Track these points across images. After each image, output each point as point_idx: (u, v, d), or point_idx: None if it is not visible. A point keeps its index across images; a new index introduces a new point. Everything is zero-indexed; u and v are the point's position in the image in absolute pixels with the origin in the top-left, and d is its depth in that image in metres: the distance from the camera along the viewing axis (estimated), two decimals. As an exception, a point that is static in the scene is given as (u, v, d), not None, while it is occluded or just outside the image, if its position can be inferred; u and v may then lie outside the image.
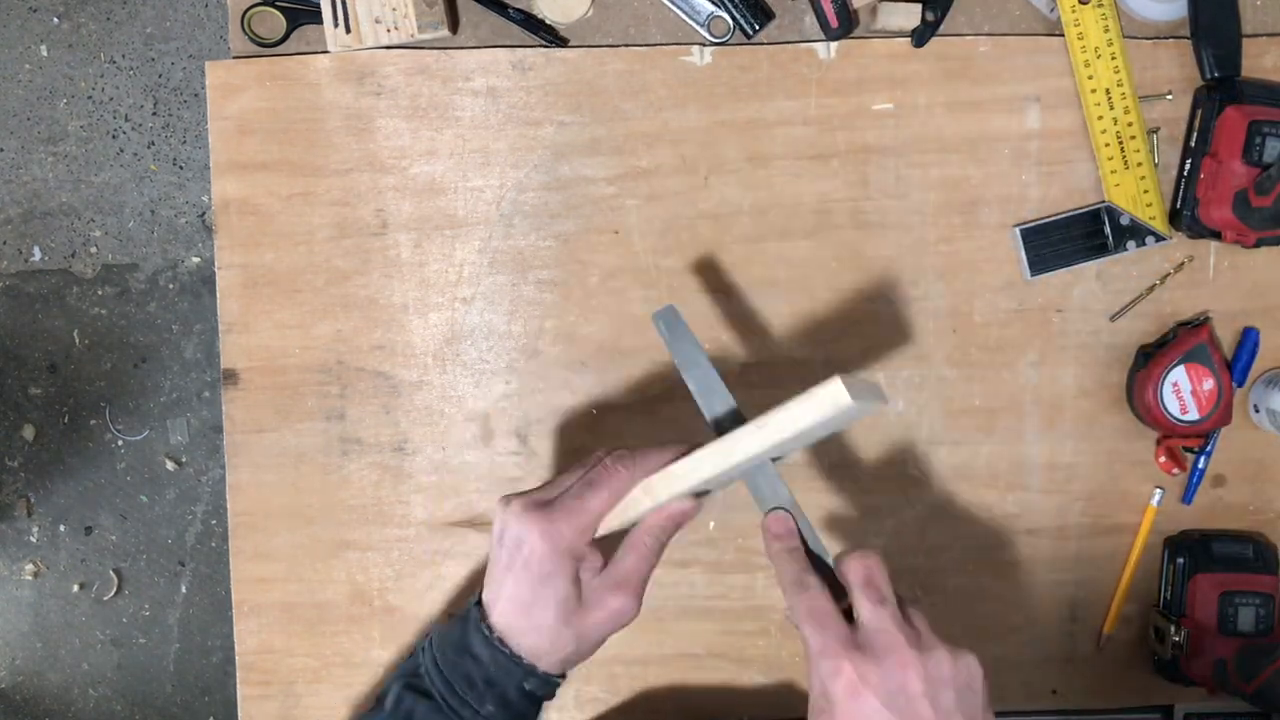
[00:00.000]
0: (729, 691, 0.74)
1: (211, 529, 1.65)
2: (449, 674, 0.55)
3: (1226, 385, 0.70)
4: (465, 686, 0.55)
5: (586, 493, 0.56)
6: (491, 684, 0.55)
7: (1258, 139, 0.67)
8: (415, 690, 0.56)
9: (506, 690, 0.55)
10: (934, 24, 0.70)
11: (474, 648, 0.55)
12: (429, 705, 0.55)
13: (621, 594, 0.55)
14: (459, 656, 0.55)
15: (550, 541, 0.54)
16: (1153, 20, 0.71)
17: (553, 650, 0.55)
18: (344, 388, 0.73)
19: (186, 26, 1.63)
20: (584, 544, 0.56)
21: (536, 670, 0.55)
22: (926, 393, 0.73)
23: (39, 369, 1.64)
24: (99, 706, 1.66)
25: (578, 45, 0.71)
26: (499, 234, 0.72)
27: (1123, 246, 0.71)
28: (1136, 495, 0.74)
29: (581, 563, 0.56)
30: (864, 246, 0.72)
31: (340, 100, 0.71)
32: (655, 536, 0.57)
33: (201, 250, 1.64)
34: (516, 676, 0.55)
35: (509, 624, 0.55)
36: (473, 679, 0.55)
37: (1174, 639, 0.71)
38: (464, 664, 0.55)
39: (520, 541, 0.55)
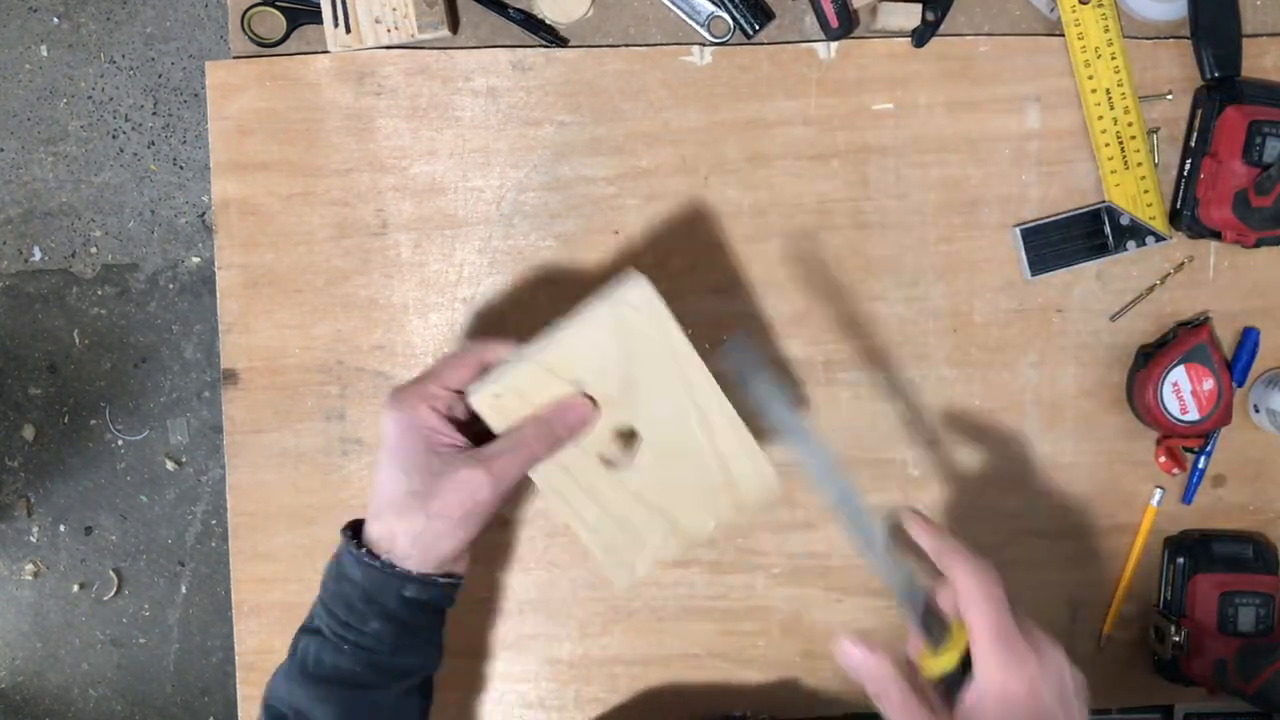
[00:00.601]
0: (729, 691, 0.74)
1: (211, 529, 1.65)
2: (330, 604, 0.55)
3: (1226, 385, 0.70)
4: (345, 610, 0.54)
5: (438, 364, 0.56)
6: (370, 600, 0.54)
7: (1258, 139, 0.67)
8: (307, 630, 0.56)
9: (386, 603, 0.54)
10: (934, 24, 0.70)
11: (348, 570, 0.55)
12: (319, 640, 0.55)
13: (476, 467, 0.53)
14: (337, 584, 0.55)
15: (396, 411, 0.54)
16: (1153, 20, 0.71)
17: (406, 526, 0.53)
18: (344, 388, 0.73)
19: (186, 26, 1.63)
20: (430, 414, 0.55)
21: (412, 575, 0.54)
22: (926, 393, 0.73)
23: (39, 369, 1.64)
24: (99, 706, 1.66)
25: (578, 45, 0.71)
26: (499, 234, 0.72)
27: (1123, 246, 0.71)
28: (1136, 495, 0.74)
29: (434, 434, 0.54)
30: (864, 246, 0.72)
31: (340, 100, 0.71)
32: (537, 427, 0.55)
33: (201, 250, 1.64)
34: (393, 586, 0.54)
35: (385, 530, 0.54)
36: (351, 602, 0.54)
37: (1174, 639, 0.71)
38: (342, 589, 0.55)
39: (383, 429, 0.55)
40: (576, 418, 0.56)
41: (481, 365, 0.57)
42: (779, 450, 0.62)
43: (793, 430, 0.54)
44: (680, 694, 0.74)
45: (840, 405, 0.73)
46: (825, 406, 0.72)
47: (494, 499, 0.54)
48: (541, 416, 0.56)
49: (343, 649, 0.54)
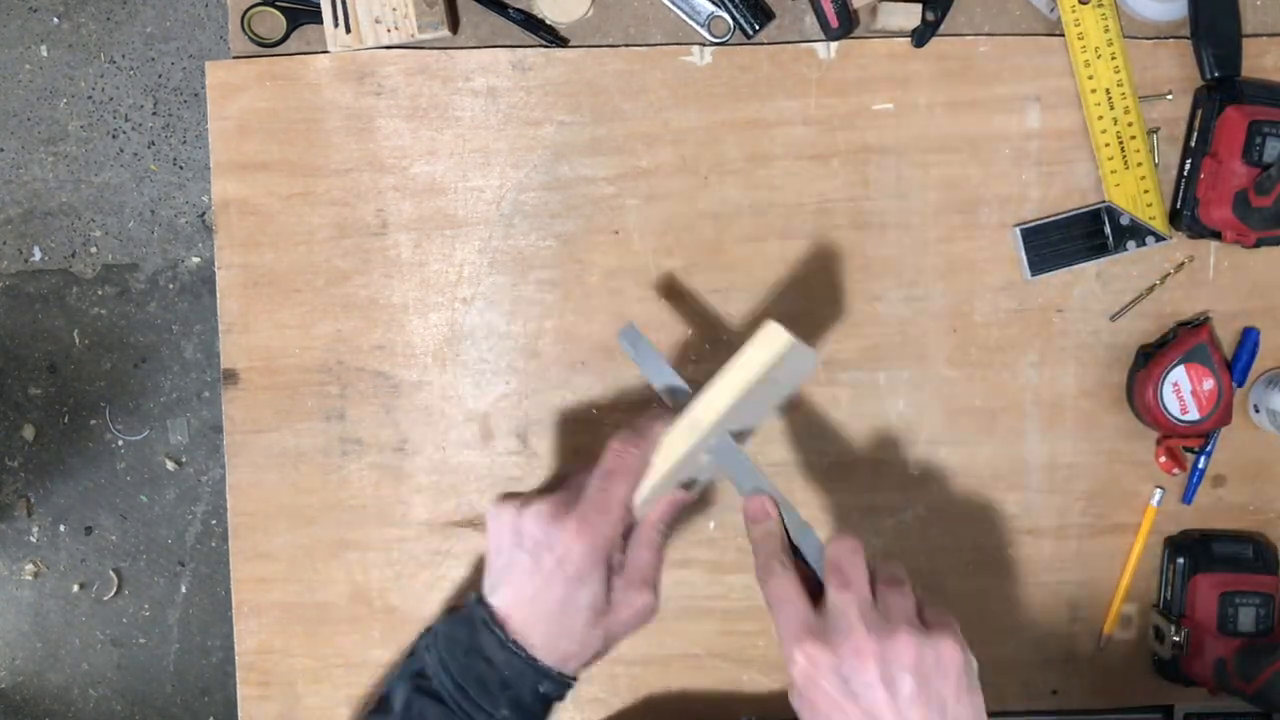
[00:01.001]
0: (729, 692, 0.74)
1: (211, 529, 1.65)
2: (460, 677, 0.54)
3: (1226, 385, 0.70)
4: (479, 690, 0.54)
5: (609, 485, 0.56)
6: (506, 686, 0.54)
7: (1258, 139, 0.67)
8: (425, 693, 0.55)
9: (521, 693, 0.54)
10: (934, 24, 0.70)
11: (486, 650, 0.54)
12: (441, 709, 0.54)
13: (646, 591, 0.56)
14: (470, 659, 0.54)
15: (587, 541, 0.54)
16: (1153, 20, 0.71)
17: (581, 653, 0.55)
18: (344, 388, 0.73)
19: (186, 26, 1.63)
20: (617, 540, 0.56)
21: (552, 673, 0.55)
22: (926, 393, 0.73)
23: (39, 369, 1.64)
24: (99, 706, 1.66)
25: (578, 45, 0.71)
26: (499, 234, 0.72)
27: (1123, 246, 0.71)
28: (1136, 495, 0.74)
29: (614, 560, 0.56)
30: (864, 246, 0.72)
31: (340, 100, 0.71)
32: (659, 531, 0.58)
33: (201, 250, 1.64)
34: (531, 679, 0.54)
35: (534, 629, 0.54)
36: (486, 682, 0.54)
37: (1174, 639, 0.71)
38: (476, 666, 0.54)
39: (550, 545, 0.54)
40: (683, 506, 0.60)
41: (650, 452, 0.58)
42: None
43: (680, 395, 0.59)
44: (680, 694, 0.74)
45: (840, 405, 0.73)
46: (825, 406, 0.72)
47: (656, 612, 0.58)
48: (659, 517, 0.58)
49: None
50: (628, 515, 0.57)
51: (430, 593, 0.74)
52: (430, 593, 0.74)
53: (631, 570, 0.56)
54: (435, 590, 0.74)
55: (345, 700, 0.74)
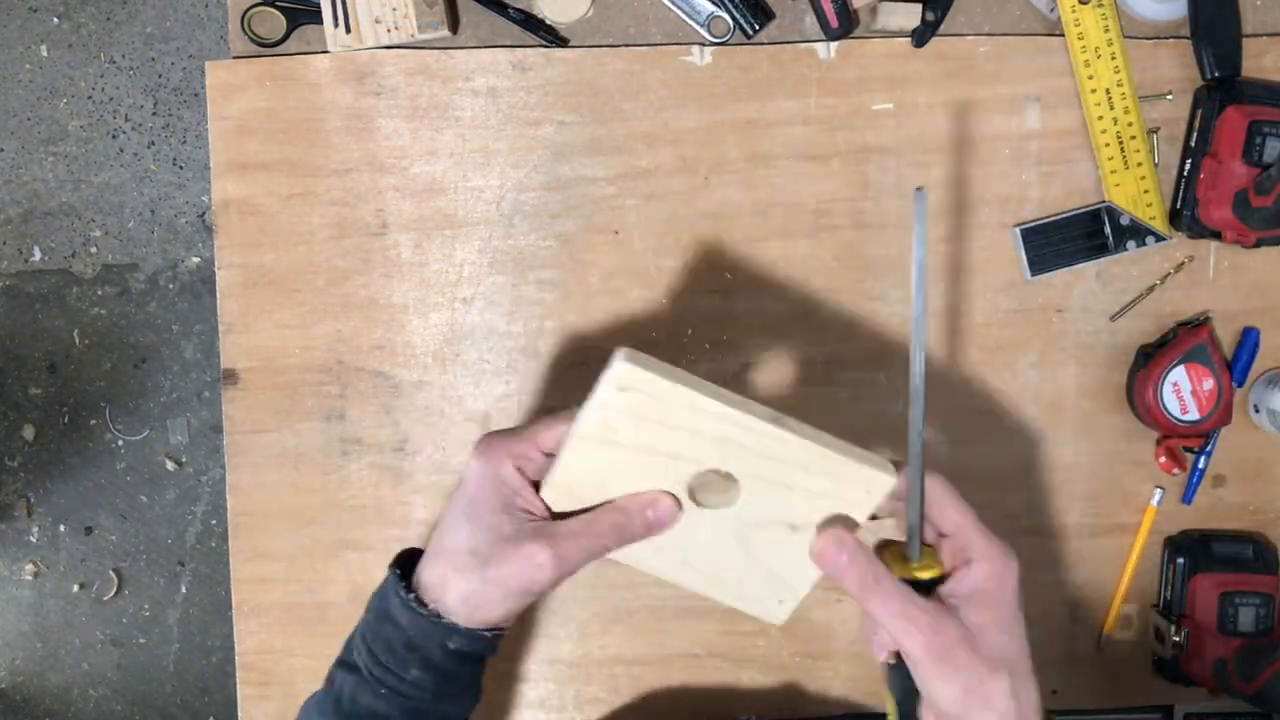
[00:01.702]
0: (729, 692, 0.74)
1: (211, 529, 1.65)
2: (372, 643, 0.53)
3: (1226, 385, 0.70)
4: (387, 653, 0.53)
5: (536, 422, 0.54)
6: (413, 648, 0.52)
7: (1258, 139, 0.67)
8: (344, 664, 0.55)
9: (429, 652, 0.52)
10: (934, 24, 0.70)
11: (393, 612, 0.53)
12: (356, 679, 0.54)
13: (542, 545, 0.51)
14: (380, 624, 0.54)
15: (482, 460, 0.53)
16: (1153, 20, 0.71)
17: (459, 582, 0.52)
18: (344, 388, 0.73)
19: (186, 26, 1.63)
20: (514, 473, 0.53)
21: (459, 628, 0.52)
22: (927, 393, 0.72)
23: (39, 369, 1.64)
24: (99, 706, 1.66)
25: (578, 45, 0.71)
26: (499, 234, 0.72)
27: (1123, 246, 0.71)
28: (1136, 495, 0.74)
29: (515, 496, 0.53)
30: (864, 246, 0.72)
31: (340, 100, 0.71)
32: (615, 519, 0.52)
33: (201, 250, 1.64)
34: (438, 637, 0.52)
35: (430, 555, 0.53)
36: (393, 645, 0.53)
37: (1174, 639, 0.71)
38: (385, 630, 0.53)
39: (467, 472, 0.53)
40: (656, 517, 0.53)
41: None
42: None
43: None
44: (680, 694, 0.74)
45: (840, 405, 0.73)
46: (825, 406, 0.72)
47: (552, 582, 0.52)
48: (622, 506, 0.53)
49: (380, 692, 0.53)
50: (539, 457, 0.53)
51: (430, 593, 0.74)
52: (430, 593, 0.74)
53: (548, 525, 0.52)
54: (435, 590, 0.74)
55: (345, 700, 0.74)
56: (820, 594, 0.73)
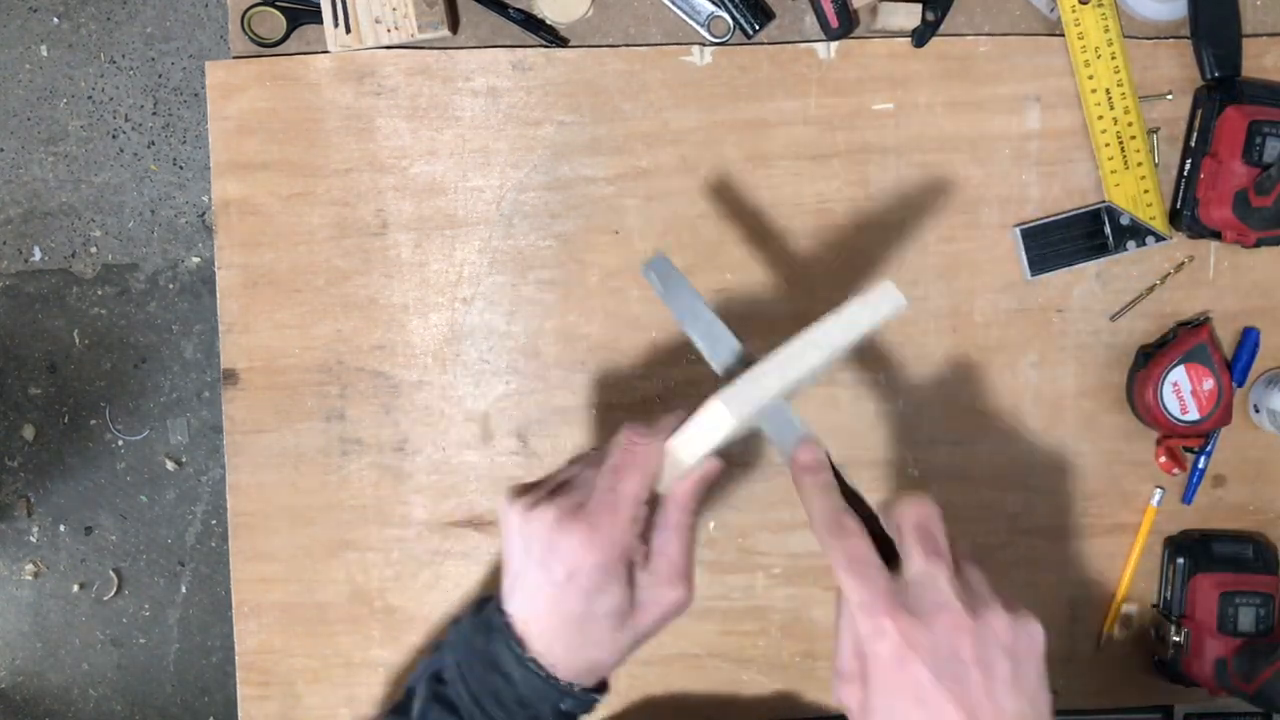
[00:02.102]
0: (729, 692, 0.74)
1: (211, 529, 1.65)
2: (476, 690, 0.50)
3: (1226, 385, 0.70)
4: (494, 705, 0.50)
5: (618, 483, 0.51)
6: (524, 705, 0.50)
7: (1258, 139, 0.67)
8: (442, 701, 0.51)
9: (540, 712, 0.50)
10: (934, 24, 0.70)
11: (503, 665, 0.50)
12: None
13: (677, 584, 0.51)
14: (487, 672, 0.51)
15: (599, 552, 0.49)
16: (1153, 20, 0.71)
17: (610, 659, 0.51)
18: (344, 388, 0.73)
19: (186, 26, 1.63)
20: (633, 540, 0.50)
21: (574, 690, 0.50)
22: (926, 393, 0.73)
23: (39, 369, 1.64)
24: (99, 706, 1.66)
25: (578, 45, 0.71)
26: (499, 234, 0.72)
27: (1123, 246, 0.71)
28: (1136, 495, 0.74)
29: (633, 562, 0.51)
30: (864, 246, 0.72)
31: (340, 100, 0.71)
32: (686, 510, 0.52)
33: (201, 250, 1.64)
34: (552, 699, 0.50)
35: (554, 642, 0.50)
36: (503, 699, 0.50)
37: (1174, 639, 0.71)
38: (492, 681, 0.50)
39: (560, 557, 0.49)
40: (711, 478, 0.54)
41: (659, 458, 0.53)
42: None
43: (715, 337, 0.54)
44: (680, 694, 0.74)
45: (840, 405, 0.73)
46: (825, 406, 0.72)
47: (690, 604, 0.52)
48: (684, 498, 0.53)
49: None
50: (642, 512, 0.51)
51: (430, 593, 0.74)
52: (430, 593, 0.74)
53: (658, 563, 0.51)
54: (435, 590, 0.74)
55: (345, 700, 0.74)
56: (820, 594, 0.73)
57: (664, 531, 0.52)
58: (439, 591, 0.74)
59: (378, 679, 0.74)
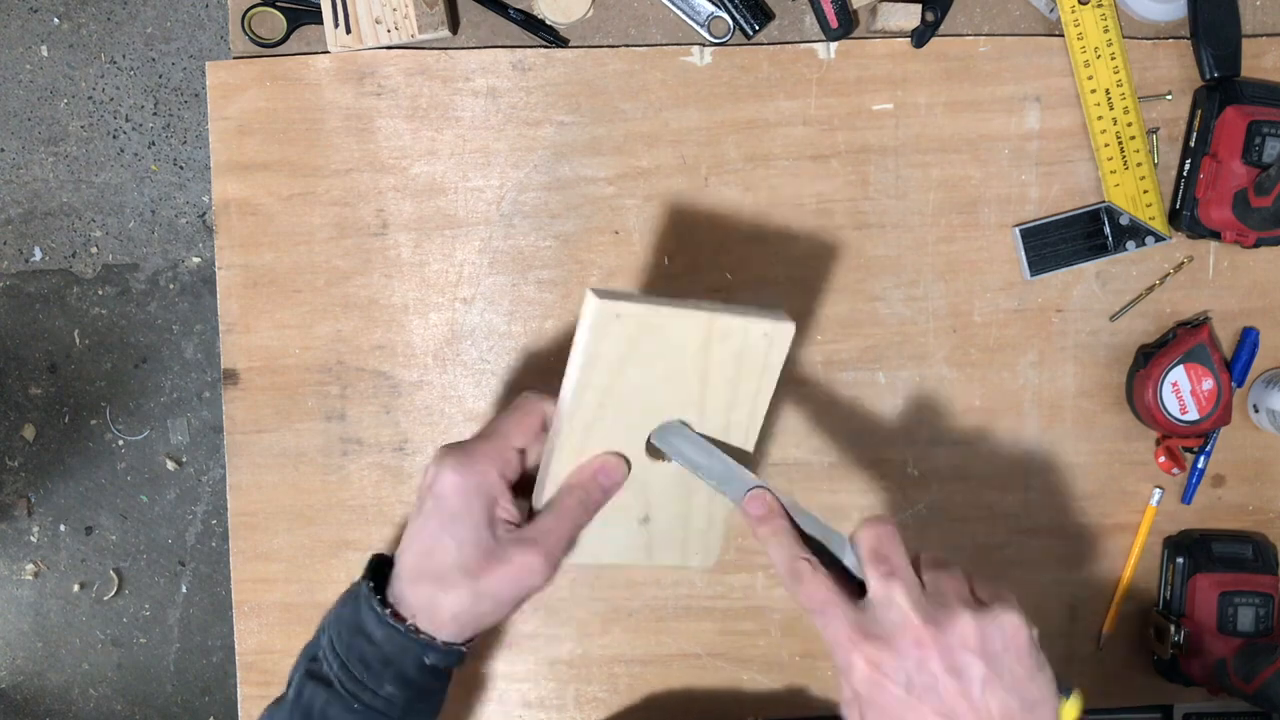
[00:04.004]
0: (729, 691, 0.74)
1: (211, 529, 1.65)
2: (345, 656, 0.52)
3: (1226, 385, 0.70)
4: (361, 668, 0.52)
5: (499, 419, 0.54)
6: (388, 663, 0.51)
7: (1257, 139, 0.67)
8: (314, 677, 0.53)
9: (405, 668, 0.52)
10: (934, 24, 0.70)
11: (367, 626, 0.52)
12: (328, 693, 0.52)
13: (532, 551, 0.51)
14: (353, 637, 0.52)
15: (460, 473, 0.51)
16: (1153, 20, 0.71)
17: (450, 602, 0.51)
18: (344, 388, 0.73)
19: (187, 27, 1.63)
20: (498, 480, 0.52)
21: (435, 644, 0.52)
22: (926, 393, 0.73)
23: (39, 369, 1.64)
24: (99, 706, 1.66)
25: (578, 45, 0.71)
26: (499, 234, 0.72)
27: (1123, 246, 0.71)
28: (1136, 495, 0.74)
29: (495, 504, 0.52)
30: (864, 246, 0.72)
31: (340, 100, 0.71)
32: (577, 496, 0.53)
33: (201, 250, 1.64)
34: (414, 653, 0.52)
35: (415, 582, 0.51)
36: (368, 660, 0.52)
37: (1174, 639, 0.71)
38: (358, 644, 0.52)
39: (433, 480, 0.52)
40: (611, 480, 0.54)
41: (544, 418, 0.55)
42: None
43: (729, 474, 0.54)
44: (680, 694, 0.74)
45: (840, 405, 0.73)
46: (825, 406, 0.72)
47: (547, 582, 0.52)
48: (579, 483, 0.54)
49: (354, 708, 0.52)
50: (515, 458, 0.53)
51: (430, 592, 0.74)
52: (430, 592, 0.74)
53: (528, 529, 0.52)
54: (435, 590, 0.74)
55: (345, 700, 0.74)
56: (820, 594, 0.73)
57: (547, 506, 0.54)
58: (439, 591, 0.74)
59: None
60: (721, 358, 0.53)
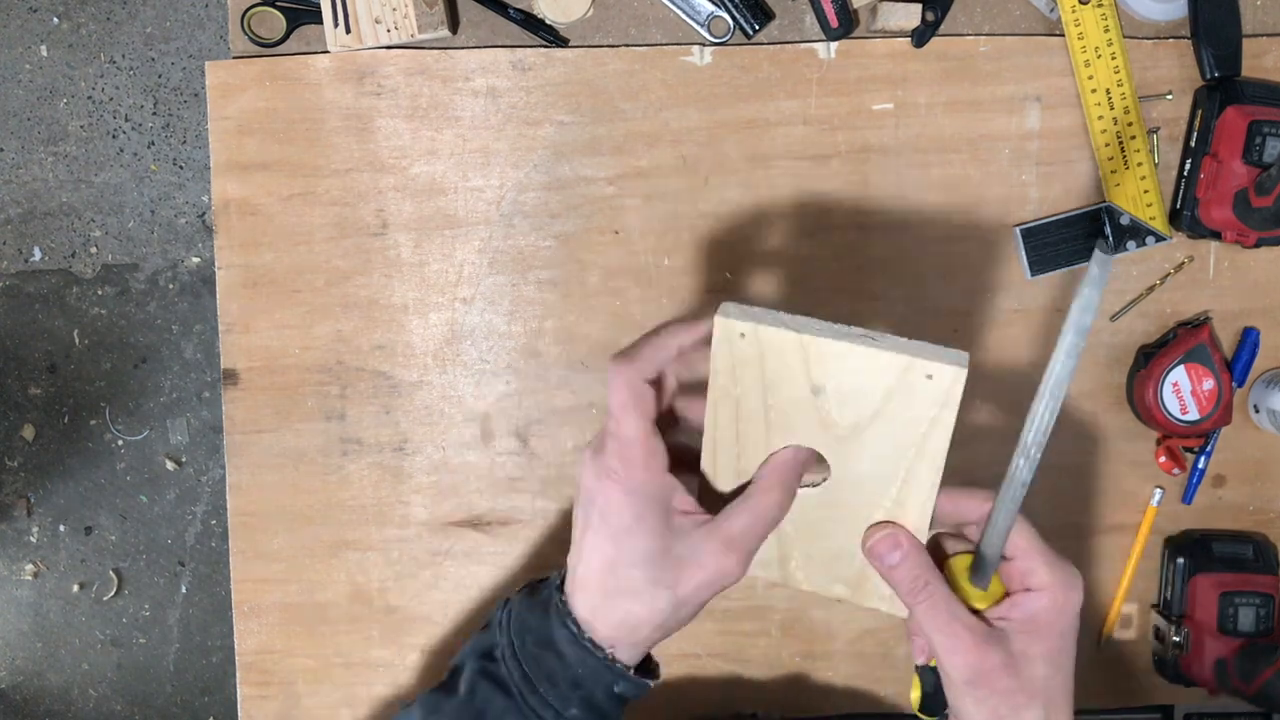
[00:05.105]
0: (729, 691, 0.74)
1: (211, 529, 1.65)
2: (529, 668, 0.49)
3: (1226, 385, 0.70)
4: (547, 685, 0.49)
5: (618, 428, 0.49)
6: (577, 685, 0.49)
7: (1258, 139, 0.67)
8: (491, 679, 0.50)
9: (593, 693, 0.49)
10: (934, 24, 0.70)
11: (558, 643, 0.49)
12: (507, 700, 0.50)
13: (730, 554, 0.48)
14: (541, 650, 0.50)
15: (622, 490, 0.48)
16: (1153, 20, 0.71)
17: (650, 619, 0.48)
18: (344, 388, 0.73)
19: (186, 26, 1.63)
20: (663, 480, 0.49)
21: (629, 675, 0.49)
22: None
23: (39, 369, 1.64)
24: (99, 706, 1.66)
25: (578, 45, 0.71)
26: (499, 234, 0.72)
27: (1123, 246, 0.71)
28: (1136, 495, 0.74)
29: (671, 499, 0.49)
30: (864, 246, 0.72)
31: (340, 100, 0.71)
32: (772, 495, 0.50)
33: (201, 250, 1.64)
34: (606, 680, 0.49)
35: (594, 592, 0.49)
36: (556, 678, 0.49)
37: (1174, 639, 0.71)
38: (546, 660, 0.49)
39: (596, 499, 0.48)
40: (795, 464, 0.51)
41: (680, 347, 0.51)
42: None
43: None
44: (680, 694, 0.74)
45: (840, 405, 0.73)
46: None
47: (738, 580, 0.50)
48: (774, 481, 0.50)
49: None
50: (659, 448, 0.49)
51: (430, 592, 0.74)
52: (430, 592, 0.74)
53: (722, 527, 0.49)
54: (435, 590, 0.74)
55: (345, 700, 0.74)
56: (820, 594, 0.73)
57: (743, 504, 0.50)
58: (439, 591, 0.74)
59: (378, 679, 0.74)
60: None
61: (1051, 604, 0.49)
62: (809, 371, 0.49)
